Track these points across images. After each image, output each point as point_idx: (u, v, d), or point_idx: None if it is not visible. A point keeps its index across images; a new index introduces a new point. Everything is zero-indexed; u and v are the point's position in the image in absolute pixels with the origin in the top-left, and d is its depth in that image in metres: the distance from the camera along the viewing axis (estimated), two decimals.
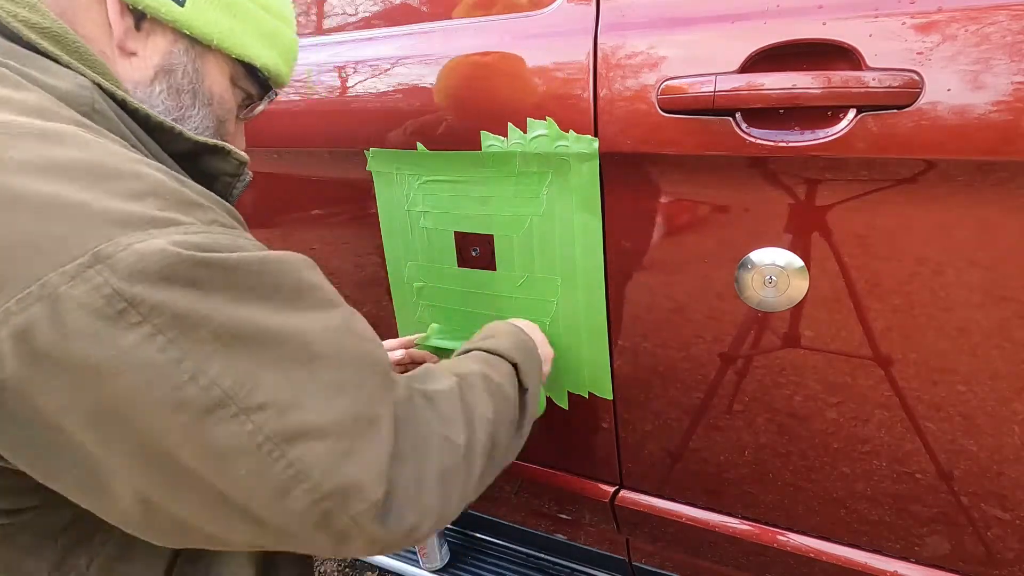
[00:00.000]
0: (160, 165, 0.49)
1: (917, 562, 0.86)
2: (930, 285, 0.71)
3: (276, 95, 0.74)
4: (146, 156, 0.53)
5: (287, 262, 0.49)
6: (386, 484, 0.48)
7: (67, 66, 0.52)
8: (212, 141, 0.61)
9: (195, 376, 0.41)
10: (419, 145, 0.95)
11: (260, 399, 0.43)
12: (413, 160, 0.97)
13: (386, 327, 1.17)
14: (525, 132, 0.86)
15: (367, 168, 1.02)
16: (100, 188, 0.42)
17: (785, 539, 0.94)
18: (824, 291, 0.76)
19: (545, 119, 0.84)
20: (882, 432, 0.81)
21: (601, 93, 0.79)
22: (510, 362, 0.76)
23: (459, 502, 0.57)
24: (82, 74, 0.52)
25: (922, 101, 0.63)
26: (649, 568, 1.17)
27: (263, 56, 0.67)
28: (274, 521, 0.45)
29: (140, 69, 0.59)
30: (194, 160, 0.61)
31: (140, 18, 0.58)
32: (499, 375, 0.71)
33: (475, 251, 1.00)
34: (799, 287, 0.77)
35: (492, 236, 0.97)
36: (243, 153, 0.64)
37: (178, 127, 0.58)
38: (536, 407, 0.79)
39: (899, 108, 0.64)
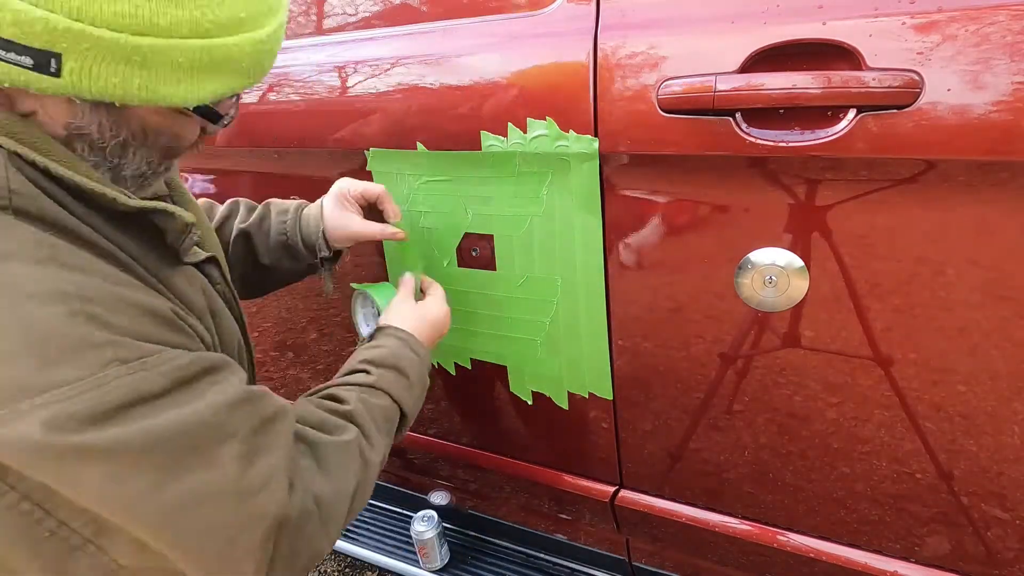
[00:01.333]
0: (78, 262, 0.48)
1: (917, 562, 0.86)
2: (930, 285, 0.71)
3: (229, 122, 0.64)
4: (80, 227, 0.51)
5: (187, 421, 0.50)
6: None
7: None
8: (151, 205, 0.56)
9: (54, 531, 0.49)
10: (419, 145, 0.95)
11: (121, 541, 0.52)
12: (413, 160, 0.97)
13: None
14: (525, 132, 0.86)
15: (367, 168, 1.02)
16: None
17: (785, 539, 0.94)
18: (824, 291, 0.76)
19: (545, 119, 0.84)
20: (882, 432, 0.80)
21: (601, 93, 0.79)
22: (401, 410, 0.78)
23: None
24: None
25: (922, 101, 0.63)
26: (649, 568, 1.17)
27: (199, 92, 0.53)
28: None
29: (49, 126, 0.52)
30: (142, 216, 0.57)
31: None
32: (379, 425, 0.73)
33: (475, 251, 1.00)
34: (799, 287, 0.77)
35: (492, 236, 0.97)
36: (187, 214, 0.60)
37: (111, 193, 0.53)
38: (407, 427, 0.82)
39: (899, 108, 0.64)
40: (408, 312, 0.88)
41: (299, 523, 0.58)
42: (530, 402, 1.07)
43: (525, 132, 0.86)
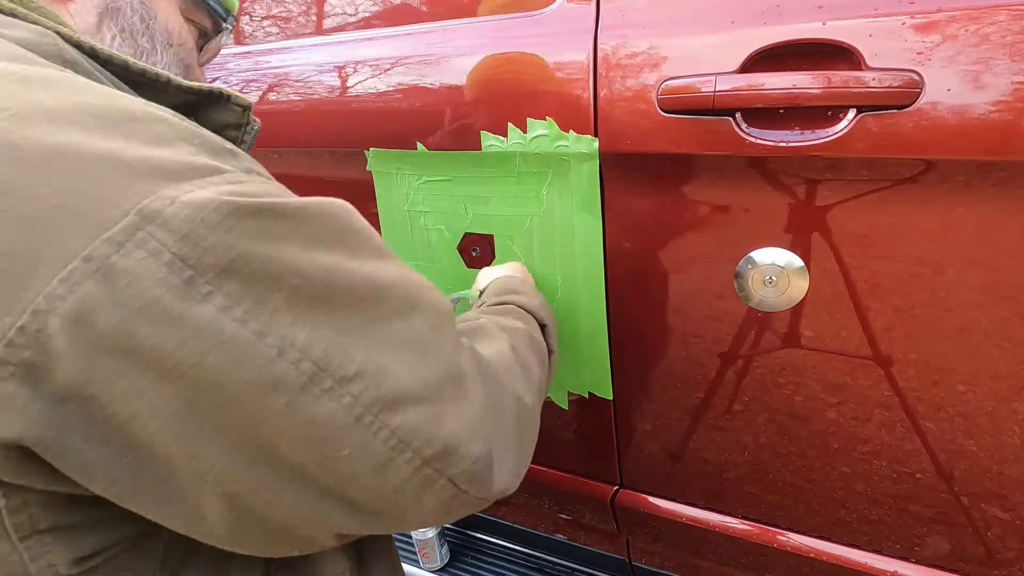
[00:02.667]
0: (171, 111, 0.42)
1: (917, 562, 0.86)
2: (930, 285, 0.71)
3: (232, 27, 0.66)
4: None
5: (337, 206, 0.42)
6: (482, 442, 0.44)
7: (23, 19, 0.44)
8: (208, 86, 0.52)
9: (283, 351, 0.35)
10: (419, 145, 0.95)
11: (353, 367, 0.38)
12: (413, 160, 0.97)
13: None
14: (525, 132, 0.86)
15: (367, 168, 1.02)
16: (121, 134, 0.35)
17: (785, 539, 0.94)
18: (824, 291, 0.76)
19: (545, 119, 0.84)
20: (882, 432, 0.80)
21: (601, 93, 0.79)
22: (540, 323, 0.74)
23: (527, 459, 0.55)
24: (37, 23, 0.44)
25: (922, 101, 0.63)
26: (649, 568, 1.17)
27: None
28: (370, 500, 0.41)
29: (81, 14, 0.51)
30: (193, 112, 0.52)
31: None
32: (537, 336, 0.70)
33: (475, 251, 1.00)
34: (799, 287, 0.77)
35: (492, 236, 0.97)
36: (245, 97, 0.55)
37: (165, 74, 0.49)
38: (554, 366, 0.77)
39: (899, 108, 0.64)
40: (488, 271, 0.88)
41: (473, 353, 0.51)
42: None
43: (525, 132, 0.86)
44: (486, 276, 0.87)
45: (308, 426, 0.36)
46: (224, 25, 0.65)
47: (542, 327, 0.74)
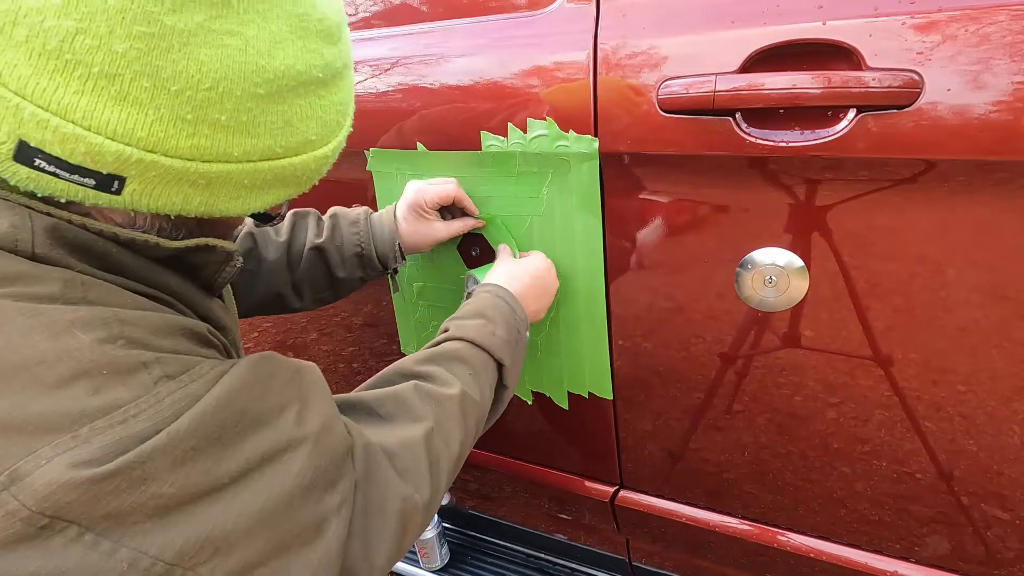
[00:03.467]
0: (102, 306, 0.45)
1: (917, 562, 0.86)
2: (930, 285, 0.71)
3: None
4: (107, 276, 0.48)
5: (226, 395, 0.46)
6: (337, 568, 0.50)
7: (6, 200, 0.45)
8: (194, 242, 0.52)
9: (135, 561, 0.40)
10: (419, 145, 0.95)
11: (207, 553, 0.43)
12: (413, 160, 0.97)
13: (386, 327, 1.17)
14: (525, 132, 0.86)
15: (367, 168, 1.02)
16: (20, 385, 0.39)
17: (785, 539, 0.94)
18: (824, 291, 0.76)
19: (545, 119, 0.84)
20: (882, 432, 0.80)
21: (601, 93, 0.79)
22: (497, 361, 0.75)
23: (416, 535, 0.60)
24: (27, 206, 0.44)
25: (922, 101, 0.63)
26: (649, 568, 1.17)
27: (257, 204, 0.52)
28: None
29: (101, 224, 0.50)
30: (178, 259, 0.54)
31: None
32: (481, 386, 0.72)
33: (475, 251, 1.00)
34: (799, 287, 0.77)
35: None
36: (230, 243, 0.56)
37: (154, 238, 0.50)
38: (507, 401, 0.80)
39: (899, 108, 0.64)
40: (501, 271, 0.87)
41: (367, 455, 0.57)
42: (530, 402, 1.07)
43: (525, 132, 0.86)
44: (491, 276, 0.87)
45: None
46: (271, 223, 0.64)
47: (501, 366, 0.76)
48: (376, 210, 0.99)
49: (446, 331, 0.77)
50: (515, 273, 0.86)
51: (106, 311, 0.45)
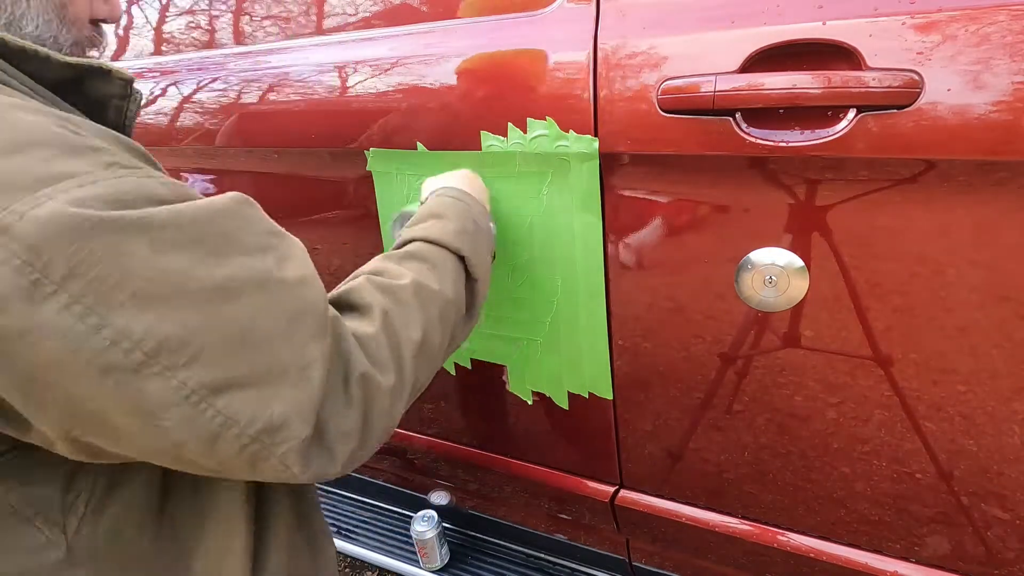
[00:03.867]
0: (37, 104, 0.46)
1: (917, 562, 0.86)
2: (930, 285, 0.71)
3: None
4: (18, 92, 0.48)
5: (206, 209, 0.47)
6: (312, 424, 0.48)
7: None
8: (88, 62, 0.53)
9: (116, 341, 0.41)
10: (419, 145, 0.95)
11: (186, 356, 0.43)
12: (413, 160, 0.97)
13: None
14: (525, 132, 0.86)
15: (367, 168, 1.02)
16: None
17: (785, 539, 0.94)
18: (824, 291, 0.76)
19: (545, 119, 0.84)
20: (882, 432, 0.81)
21: (601, 93, 0.79)
22: (456, 255, 0.73)
23: (383, 431, 0.58)
24: None
25: (922, 101, 0.63)
26: (649, 568, 1.17)
27: None
28: (207, 463, 0.47)
29: None
30: (77, 86, 0.54)
31: None
32: (440, 277, 0.69)
33: None
34: (799, 287, 0.77)
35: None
36: (126, 71, 0.56)
37: (43, 50, 0.50)
38: (487, 290, 0.77)
39: (899, 108, 0.64)
40: (432, 182, 0.85)
41: (336, 325, 0.54)
42: (530, 402, 1.07)
43: (525, 132, 0.86)
44: (428, 186, 0.84)
45: (134, 401, 0.42)
46: None
47: (462, 258, 0.73)
48: (376, 210, 0.98)
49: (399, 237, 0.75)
50: (448, 179, 0.85)
51: (45, 105, 0.46)
